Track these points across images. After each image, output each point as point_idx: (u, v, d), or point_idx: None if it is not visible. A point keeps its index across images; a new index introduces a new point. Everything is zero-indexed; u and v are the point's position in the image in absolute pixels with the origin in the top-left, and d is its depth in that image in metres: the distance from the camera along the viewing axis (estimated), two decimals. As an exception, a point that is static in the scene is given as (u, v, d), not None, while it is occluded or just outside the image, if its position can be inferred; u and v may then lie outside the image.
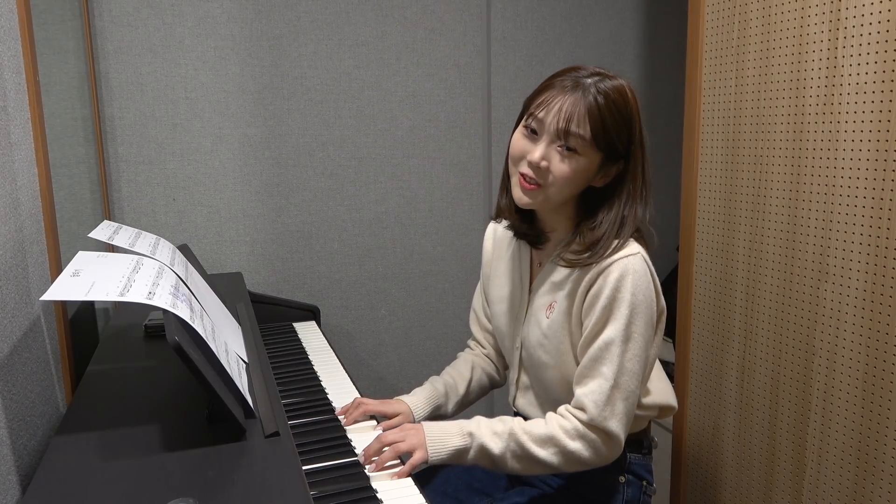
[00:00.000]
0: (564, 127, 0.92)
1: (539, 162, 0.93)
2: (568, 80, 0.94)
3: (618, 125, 0.93)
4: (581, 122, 0.91)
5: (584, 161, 0.94)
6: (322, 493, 0.87)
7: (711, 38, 1.42)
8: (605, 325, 0.94)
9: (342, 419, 1.09)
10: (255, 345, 1.11)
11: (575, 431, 0.93)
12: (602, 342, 0.94)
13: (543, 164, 0.93)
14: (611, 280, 0.93)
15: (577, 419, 0.94)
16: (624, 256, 0.95)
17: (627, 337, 0.93)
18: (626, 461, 1.07)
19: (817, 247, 1.21)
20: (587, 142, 0.92)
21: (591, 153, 0.94)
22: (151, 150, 1.66)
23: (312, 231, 1.82)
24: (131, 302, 0.76)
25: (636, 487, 1.09)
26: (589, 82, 0.93)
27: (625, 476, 1.07)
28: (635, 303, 0.93)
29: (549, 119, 0.93)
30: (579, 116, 0.91)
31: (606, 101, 0.92)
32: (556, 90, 0.94)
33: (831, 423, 1.21)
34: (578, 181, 0.96)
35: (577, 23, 2.01)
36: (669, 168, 2.19)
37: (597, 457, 0.94)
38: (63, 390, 1.09)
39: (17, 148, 0.96)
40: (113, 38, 1.59)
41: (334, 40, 1.77)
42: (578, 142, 0.92)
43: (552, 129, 0.93)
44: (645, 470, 1.11)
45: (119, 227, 1.03)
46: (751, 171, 1.35)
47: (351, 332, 1.91)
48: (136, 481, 0.72)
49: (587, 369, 0.95)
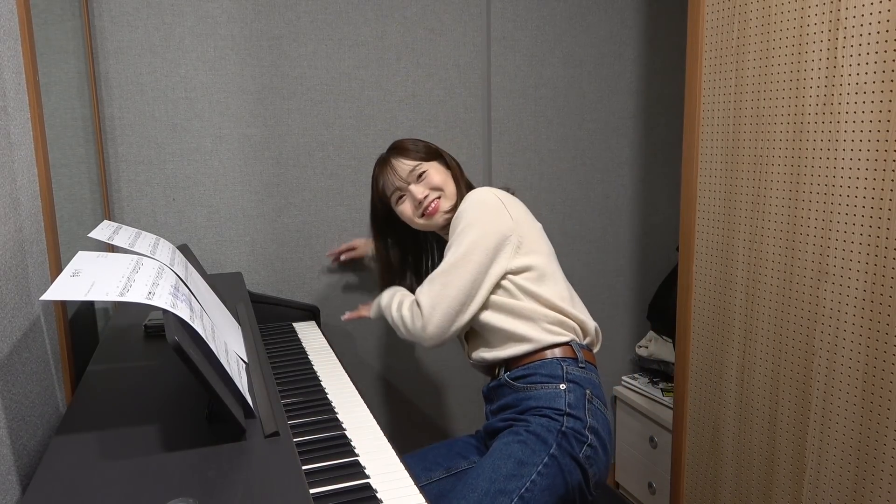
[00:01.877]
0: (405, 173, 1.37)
1: (422, 195, 1.35)
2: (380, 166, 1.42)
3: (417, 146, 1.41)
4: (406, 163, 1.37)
5: (433, 168, 1.37)
6: (322, 493, 0.87)
7: (711, 37, 1.43)
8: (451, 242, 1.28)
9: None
10: (255, 345, 1.11)
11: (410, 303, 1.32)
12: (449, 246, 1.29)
13: (425, 194, 1.35)
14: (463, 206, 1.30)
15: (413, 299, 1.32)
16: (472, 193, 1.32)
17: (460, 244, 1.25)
18: (563, 371, 1.22)
19: (817, 247, 1.21)
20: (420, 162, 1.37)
21: (428, 163, 1.38)
22: (151, 150, 1.66)
23: (312, 231, 1.82)
24: (131, 302, 0.76)
25: (578, 393, 1.20)
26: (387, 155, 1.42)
27: (565, 384, 1.20)
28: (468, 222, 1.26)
29: (396, 184, 1.37)
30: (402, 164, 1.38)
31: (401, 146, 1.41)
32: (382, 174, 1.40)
33: (831, 422, 1.21)
34: (446, 178, 1.38)
35: (577, 23, 2.01)
36: (669, 168, 2.19)
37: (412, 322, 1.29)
38: (63, 390, 1.09)
39: (17, 148, 0.96)
40: (113, 38, 1.59)
41: (334, 40, 1.77)
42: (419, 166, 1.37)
43: (402, 183, 1.37)
44: (586, 381, 1.22)
45: (119, 227, 1.03)
46: (751, 170, 1.35)
47: (351, 332, 1.91)
48: (136, 481, 0.72)
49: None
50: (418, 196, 1.34)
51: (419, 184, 1.36)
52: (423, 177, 1.36)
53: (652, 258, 2.21)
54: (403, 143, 1.42)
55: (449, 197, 1.36)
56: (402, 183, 1.36)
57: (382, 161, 1.40)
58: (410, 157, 1.37)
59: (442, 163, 1.40)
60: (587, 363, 1.26)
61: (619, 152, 2.13)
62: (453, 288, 1.24)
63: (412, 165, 1.36)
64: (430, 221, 1.37)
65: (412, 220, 1.38)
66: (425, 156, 1.38)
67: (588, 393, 1.21)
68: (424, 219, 1.37)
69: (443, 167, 1.39)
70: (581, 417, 1.18)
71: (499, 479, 1.13)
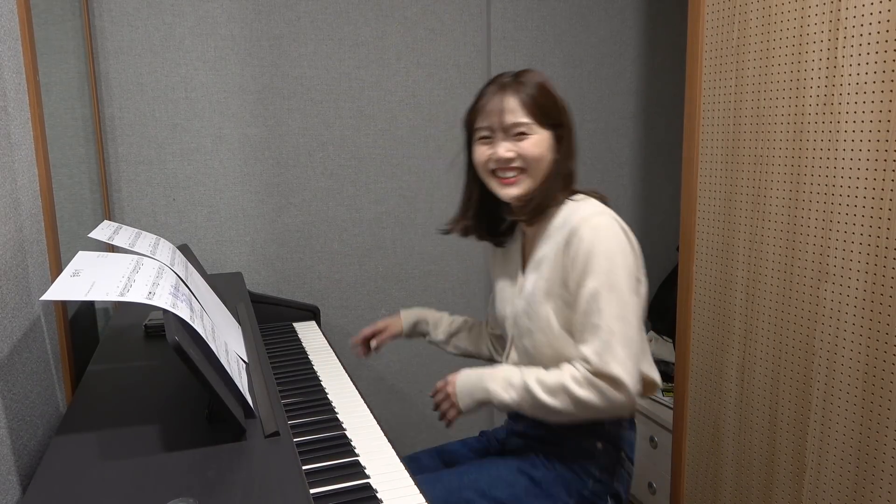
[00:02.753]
0: (507, 120, 1.08)
1: (505, 154, 1.08)
2: (493, 86, 1.11)
3: (546, 101, 1.09)
4: (516, 110, 1.08)
5: (538, 137, 1.09)
6: (322, 493, 0.87)
7: (711, 37, 1.42)
8: (586, 279, 1.02)
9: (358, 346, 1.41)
10: (255, 345, 1.11)
11: (584, 379, 1.00)
12: (588, 295, 1.01)
13: (510, 154, 1.08)
14: (584, 237, 1.02)
15: (584, 368, 1.01)
16: (593, 216, 1.04)
17: (611, 286, 1.00)
18: (604, 429, 1.10)
19: (817, 247, 1.21)
20: (530, 123, 1.08)
21: (540, 130, 1.09)
22: (151, 150, 1.66)
23: (312, 231, 1.82)
24: (131, 302, 0.75)
25: (612, 456, 1.11)
26: (509, 80, 1.11)
27: (601, 443, 1.10)
28: (611, 253, 1.01)
29: (492, 121, 1.09)
30: (513, 107, 1.08)
31: (531, 86, 1.09)
32: (486, 98, 1.11)
33: (831, 423, 1.21)
34: (544, 154, 1.10)
35: (577, 23, 2.01)
36: (669, 168, 2.19)
37: (607, 403, 0.99)
38: (63, 390, 1.08)
39: (17, 148, 0.96)
40: (113, 38, 1.59)
41: (334, 40, 1.77)
42: (525, 126, 1.08)
43: (499, 127, 1.09)
44: (624, 440, 1.13)
45: (119, 227, 1.03)
46: (751, 170, 1.35)
47: (351, 332, 1.90)
48: (136, 481, 0.72)
49: (581, 325, 1.03)
50: (501, 154, 1.08)
51: (509, 140, 1.08)
52: (520, 137, 1.08)
53: (652, 258, 2.21)
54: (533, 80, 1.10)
55: (532, 178, 1.09)
56: (495, 125, 1.09)
57: (501, 84, 1.10)
58: (526, 107, 1.07)
59: (555, 138, 1.10)
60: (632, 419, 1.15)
61: (619, 152, 2.13)
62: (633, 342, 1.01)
63: (519, 119, 1.07)
64: (492, 185, 1.12)
65: (479, 168, 1.13)
66: (542, 118, 1.08)
67: (622, 454, 1.12)
68: (490, 178, 1.12)
69: (551, 143, 1.10)
70: (607, 483, 1.10)
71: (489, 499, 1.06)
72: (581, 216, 1.04)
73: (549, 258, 1.08)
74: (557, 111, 1.11)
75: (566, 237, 1.04)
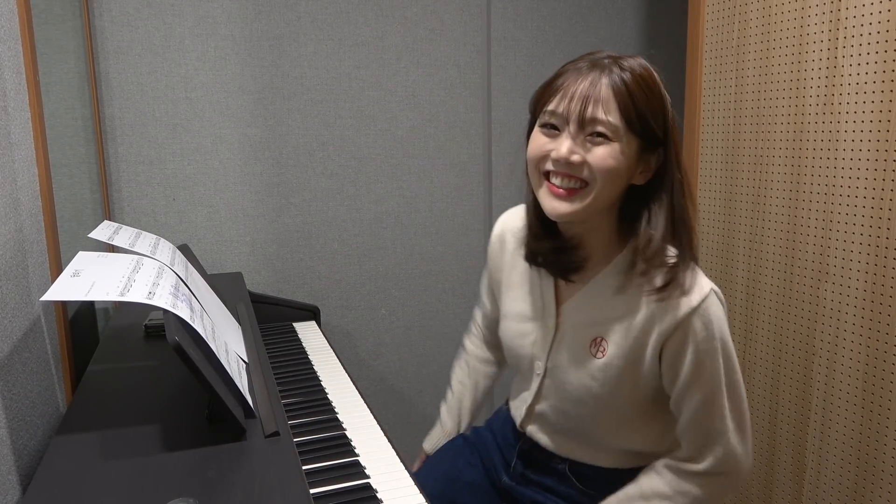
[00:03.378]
0: (589, 112, 0.78)
1: (568, 156, 0.79)
2: (583, 63, 0.82)
3: (650, 102, 0.80)
4: (607, 103, 0.78)
5: (619, 147, 0.79)
6: (322, 493, 0.87)
7: (711, 38, 1.42)
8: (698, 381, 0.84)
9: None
10: (255, 345, 1.11)
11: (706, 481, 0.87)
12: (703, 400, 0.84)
13: (575, 158, 0.79)
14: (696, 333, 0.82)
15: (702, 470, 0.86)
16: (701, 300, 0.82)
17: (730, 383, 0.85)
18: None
19: (817, 247, 1.21)
20: (618, 126, 0.79)
21: (627, 139, 0.79)
22: (152, 150, 1.66)
23: (312, 231, 1.82)
24: (131, 302, 0.75)
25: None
26: (607, 61, 0.81)
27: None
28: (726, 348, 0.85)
29: (568, 108, 0.79)
30: (604, 98, 0.78)
31: (633, 77, 0.79)
32: (570, 75, 0.81)
33: (831, 422, 1.20)
34: (621, 173, 0.80)
35: (577, 23, 2.01)
36: (669, 168, 2.18)
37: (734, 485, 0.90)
38: (63, 390, 1.08)
39: (17, 148, 0.96)
40: (113, 38, 1.59)
41: (334, 40, 1.77)
42: (609, 127, 0.78)
43: (575, 118, 0.79)
44: None
45: (119, 228, 1.03)
46: (751, 170, 1.35)
47: (351, 332, 1.91)
48: (137, 481, 0.72)
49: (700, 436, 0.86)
50: (563, 153, 0.80)
51: (579, 138, 0.80)
52: (598, 139, 0.80)
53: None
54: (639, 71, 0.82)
55: (593, 197, 0.81)
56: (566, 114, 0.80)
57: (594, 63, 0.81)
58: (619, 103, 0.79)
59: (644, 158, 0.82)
60: None
61: (619, 152, 2.13)
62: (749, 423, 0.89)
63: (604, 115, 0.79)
64: (538, 189, 0.85)
65: (530, 162, 0.86)
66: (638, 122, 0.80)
67: None
68: (538, 179, 0.85)
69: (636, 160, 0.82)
70: None
71: None
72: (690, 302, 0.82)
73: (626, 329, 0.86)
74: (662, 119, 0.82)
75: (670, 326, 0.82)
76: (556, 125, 0.82)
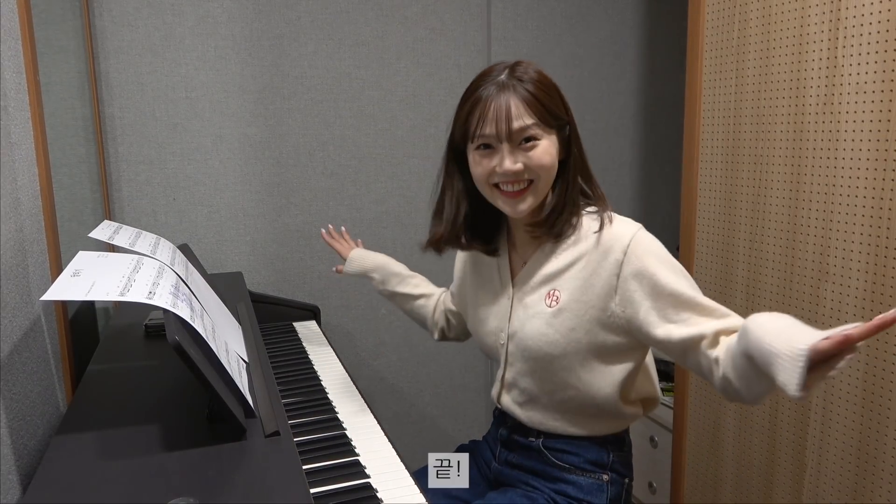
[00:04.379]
0: (514, 126, 0.94)
1: (513, 167, 0.95)
2: (491, 86, 0.96)
3: (551, 98, 0.97)
4: (524, 114, 0.94)
5: (546, 142, 0.96)
6: (322, 493, 0.87)
7: (711, 37, 1.42)
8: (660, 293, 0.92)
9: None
10: (256, 344, 1.11)
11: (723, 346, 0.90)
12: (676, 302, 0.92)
13: (518, 167, 0.95)
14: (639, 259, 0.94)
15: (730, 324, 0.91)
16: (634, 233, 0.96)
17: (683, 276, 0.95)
18: (609, 460, 1.06)
19: (817, 246, 1.21)
20: (538, 126, 0.95)
21: (547, 133, 0.97)
22: (152, 150, 1.66)
23: (313, 231, 1.82)
24: (132, 302, 0.75)
25: (618, 485, 1.08)
26: (506, 79, 0.96)
27: (608, 474, 1.06)
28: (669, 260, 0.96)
29: (497, 128, 0.94)
30: (520, 111, 0.94)
31: (533, 85, 0.96)
32: (485, 102, 0.95)
33: (831, 422, 1.20)
34: (553, 162, 0.98)
35: (577, 23, 2.00)
36: (669, 168, 2.18)
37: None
38: (63, 390, 1.08)
39: (17, 147, 0.96)
40: (113, 38, 1.59)
41: (335, 40, 1.77)
42: (532, 130, 0.95)
43: (503, 135, 0.94)
44: (626, 467, 1.10)
45: (119, 227, 1.03)
46: (751, 170, 1.35)
47: (351, 331, 1.90)
48: (137, 481, 0.72)
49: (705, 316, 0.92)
50: (507, 167, 0.95)
51: (517, 151, 0.95)
52: (528, 145, 0.95)
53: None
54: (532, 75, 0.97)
55: (540, 189, 0.98)
56: (497, 134, 0.94)
57: (499, 84, 0.95)
58: (532, 109, 0.94)
59: (562, 138, 0.99)
60: (630, 441, 1.11)
61: (619, 152, 2.13)
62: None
63: (526, 123, 0.94)
64: (496, 200, 1.00)
65: (479, 182, 1.00)
66: (551, 118, 0.96)
67: (626, 482, 1.08)
68: (493, 192, 0.99)
69: (558, 144, 0.98)
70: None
71: None
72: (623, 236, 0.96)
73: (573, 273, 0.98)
74: (563, 108, 1.00)
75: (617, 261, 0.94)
76: (489, 144, 0.96)
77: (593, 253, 0.97)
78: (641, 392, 1.07)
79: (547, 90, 0.97)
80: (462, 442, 1.25)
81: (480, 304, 1.13)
